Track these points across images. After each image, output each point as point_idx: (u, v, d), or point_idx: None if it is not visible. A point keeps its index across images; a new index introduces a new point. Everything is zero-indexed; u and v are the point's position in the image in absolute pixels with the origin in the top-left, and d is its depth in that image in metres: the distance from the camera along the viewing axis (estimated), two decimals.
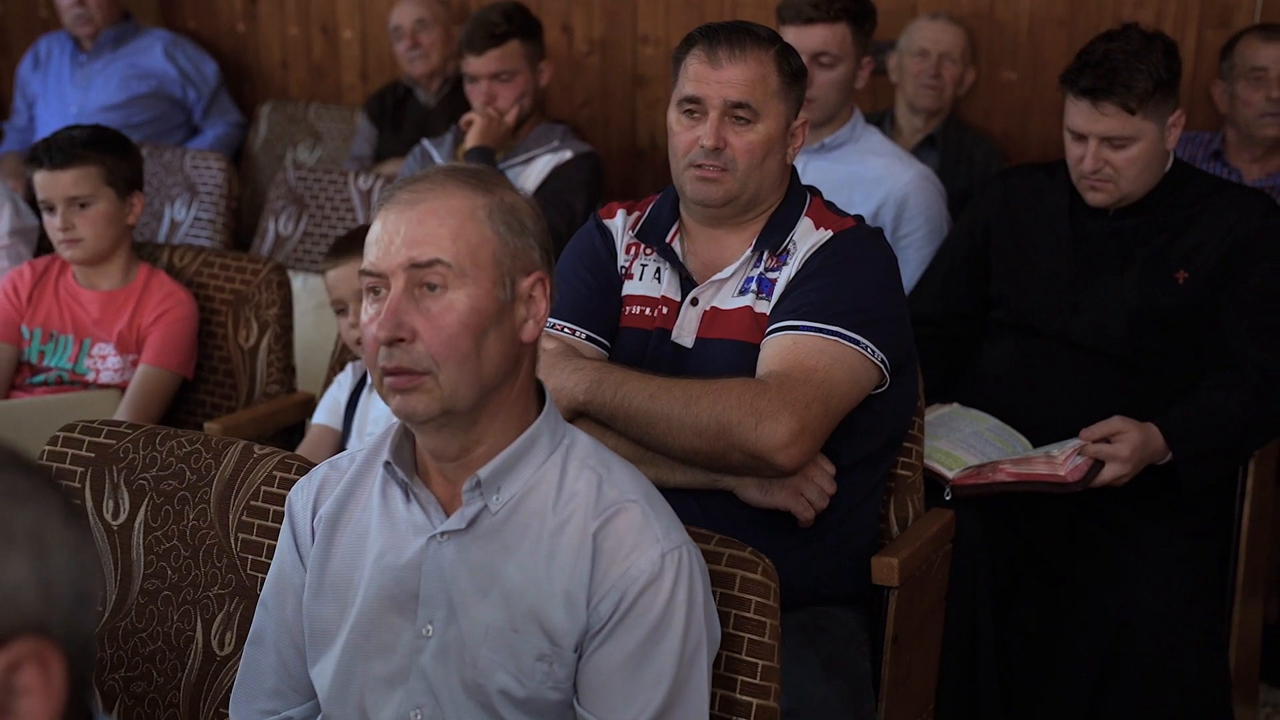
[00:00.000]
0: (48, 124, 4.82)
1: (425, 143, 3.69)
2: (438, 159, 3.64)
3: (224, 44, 5.17)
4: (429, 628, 1.68)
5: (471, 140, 3.47)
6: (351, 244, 2.70)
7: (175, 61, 4.86)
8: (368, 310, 1.67)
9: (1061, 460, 2.58)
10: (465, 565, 1.68)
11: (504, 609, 1.66)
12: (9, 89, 5.35)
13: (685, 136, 2.34)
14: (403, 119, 4.44)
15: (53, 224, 3.01)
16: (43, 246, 3.38)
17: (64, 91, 4.83)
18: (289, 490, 2.03)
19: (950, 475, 2.64)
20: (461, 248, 1.63)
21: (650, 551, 1.64)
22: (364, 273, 1.67)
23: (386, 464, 1.72)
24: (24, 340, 3.08)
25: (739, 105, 2.29)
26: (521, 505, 1.68)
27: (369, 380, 2.78)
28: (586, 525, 1.66)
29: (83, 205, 2.99)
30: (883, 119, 4.03)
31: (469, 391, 1.63)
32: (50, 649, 0.93)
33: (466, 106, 4.07)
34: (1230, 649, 2.87)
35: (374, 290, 1.66)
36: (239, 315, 3.10)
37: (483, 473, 1.66)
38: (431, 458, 1.71)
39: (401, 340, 1.62)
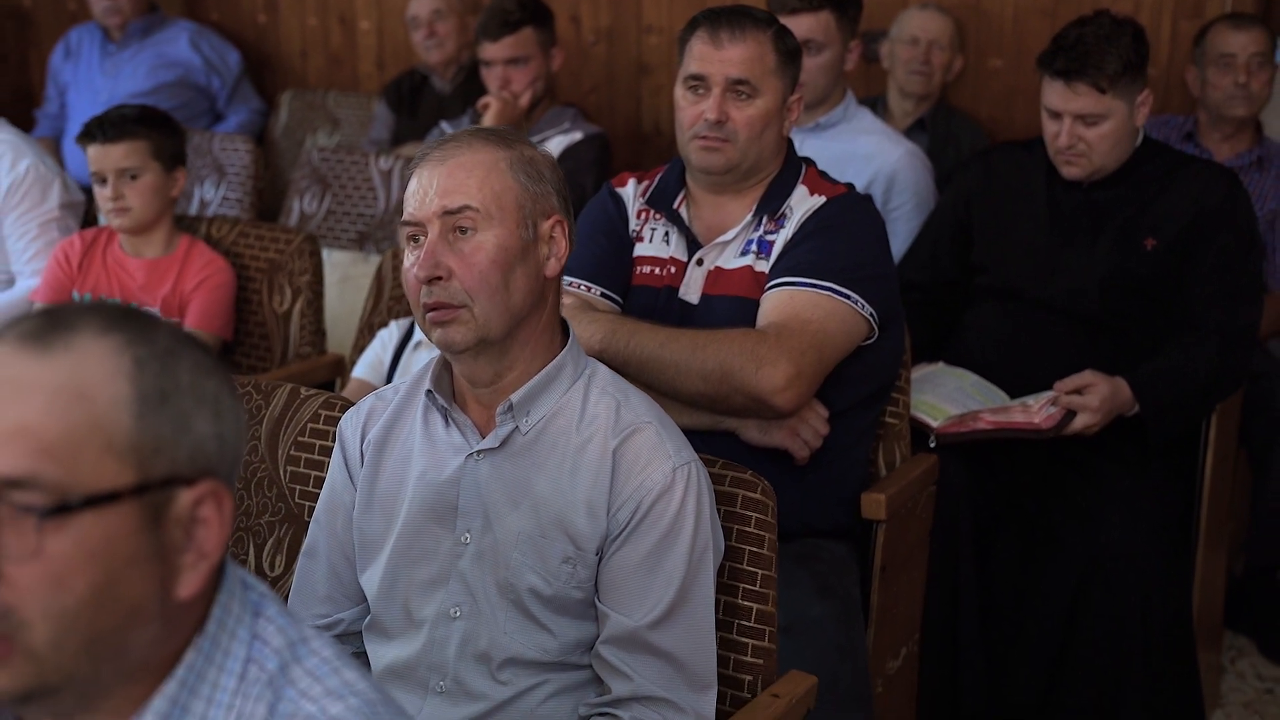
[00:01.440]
0: (79, 111, 5.04)
1: (443, 124, 3.92)
2: None
3: (246, 34, 5.39)
4: (467, 536, 1.90)
5: (488, 122, 3.69)
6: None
7: (200, 51, 5.08)
8: (409, 256, 1.89)
9: (1036, 409, 2.80)
10: (499, 480, 1.90)
11: (533, 518, 1.88)
12: (39, 78, 5.58)
13: (690, 111, 2.56)
14: (419, 105, 4.66)
15: (103, 194, 3.23)
16: (87, 220, 3.59)
17: (94, 80, 5.05)
18: (332, 427, 2.26)
19: (935, 424, 2.86)
20: (488, 195, 1.85)
21: (663, 466, 1.86)
22: (404, 223, 1.89)
23: (428, 392, 1.94)
24: None
25: (740, 82, 2.51)
26: (548, 427, 1.90)
27: (414, 338, 3.01)
28: (606, 443, 1.88)
29: (132, 176, 3.21)
30: (875, 103, 4.24)
31: (500, 321, 1.85)
32: (224, 490, 1.15)
33: (479, 93, 4.29)
34: (1194, 593, 3.09)
35: (413, 238, 1.89)
36: (273, 282, 3.33)
37: (514, 397, 1.88)
38: (468, 385, 1.93)
39: (439, 278, 1.84)
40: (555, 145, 3.76)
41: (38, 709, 1.12)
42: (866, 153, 3.43)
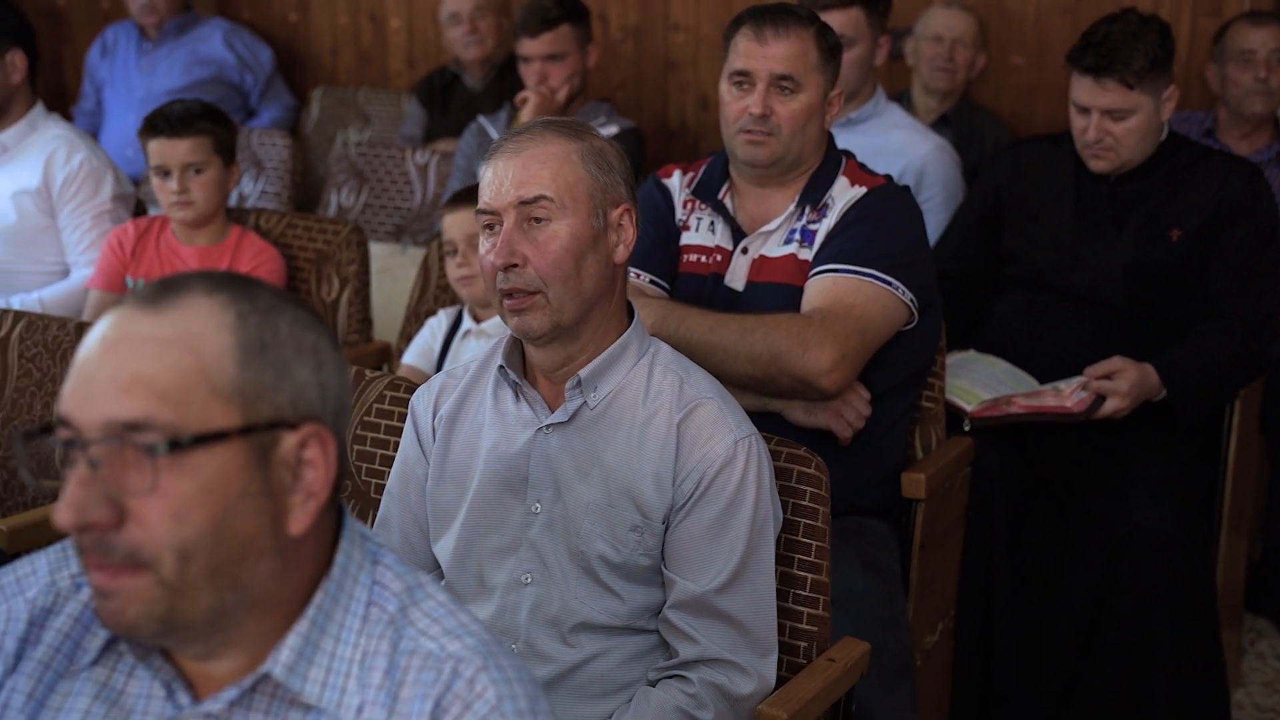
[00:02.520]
0: (115, 108, 5.15)
1: (481, 119, 4.01)
2: (493, 134, 3.96)
3: (277, 32, 5.49)
4: (537, 505, 2.00)
5: (526, 115, 3.79)
6: (465, 195, 3.03)
7: (234, 49, 5.18)
8: (484, 244, 1.99)
9: (1068, 393, 2.90)
10: (568, 452, 1.99)
11: (602, 488, 1.98)
12: (73, 76, 5.68)
13: (735, 105, 2.66)
14: (450, 102, 4.75)
15: (167, 187, 3.32)
16: (136, 211, 3.68)
17: (130, 77, 5.14)
18: (396, 408, 2.35)
19: (969, 408, 2.96)
20: (561, 185, 1.94)
21: (725, 439, 1.96)
22: (479, 211, 1.99)
23: (500, 368, 2.04)
24: (128, 290, 3.40)
25: (783, 77, 2.60)
26: (615, 401, 2.00)
27: (463, 326, 3.11)
28: (671, 417, 1.97)
29: (196, 171, 3.31)
30: (900, 100, 4.33)
31: (573, 307, 1.94)
32: (327, 434, 1.25)
33: (509, 90, 4.39)
34: (1218, 575, 3.18)
35: (489, 226, 1.98)
36: (321, 272, 3.42)
37: (583, 373, 1.98)
38: (539, 367, 2.03)
39: (515, 265, 1.93)
40: None
41: (175, 640, 1.23)
42: (897, 147, 3.52)
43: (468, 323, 3.09)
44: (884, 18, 3.62)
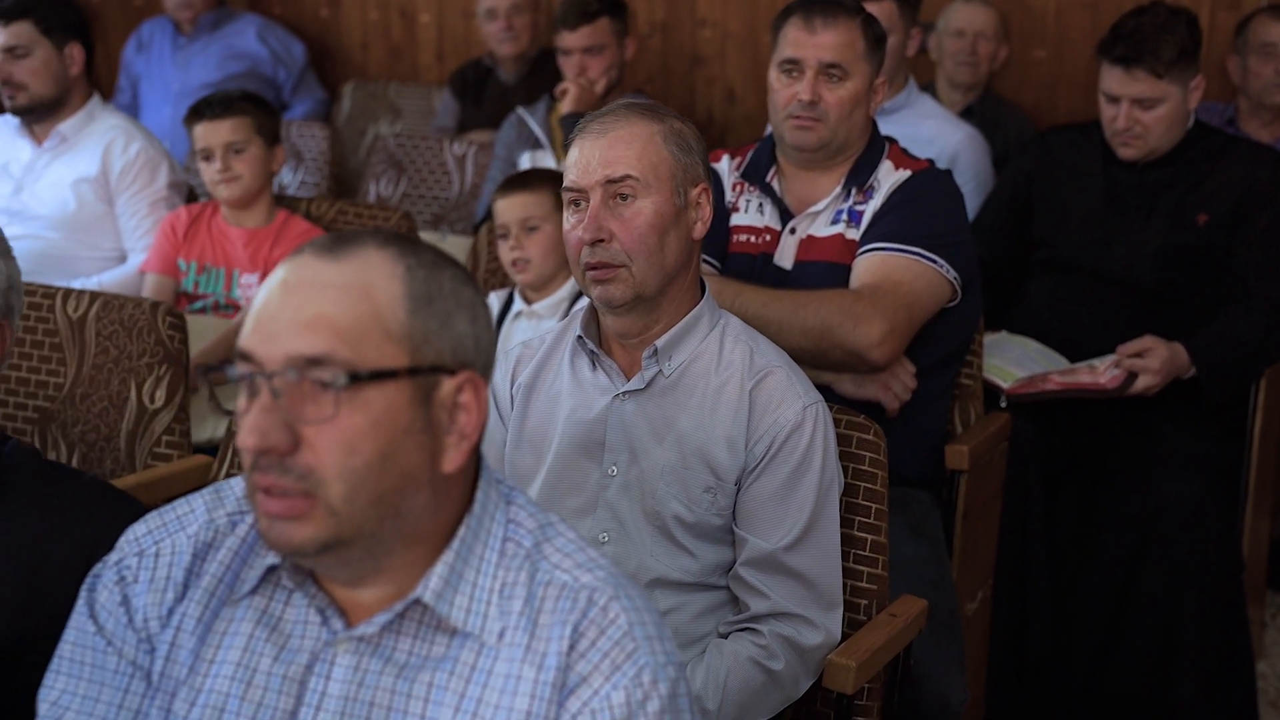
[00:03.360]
0: (151, 101, 5.25)
1: (520, 110, 4.12)
2: (532, 124, 4.07)
3: (308, 27, 5.59)
4: (613, 468, 2.10)
5: (566, 106, 3.90)
6: (516, 181, 3.14)
7: (267, 43, 5.29)
8: (569, 220, 2.10)
9: (1102, 370, 3.01)
10: (644, 418, 2.10)
11: (677, 451, 2.08)
12: (107, 71, 5.77)
13: (784, 92, 2.76)
14: (484, 94, 4.86)
15: (211, 168, 3.43)
16: (189, 200, 3.79)
17: (166, 72, 5.25)
18: None
19: (1005, 385, 3.07)
20: (645, 165, 2.05)
21: (794, 405, 2.07)
22: (567, 189, 2.10)
23: (579, 338, 2.14)
24: (181, 273, 3.51)
25: (832, 65, 2.71)
26: (689, 370, 2.10)
27: (513, 308, 3.21)
28: (743, 384, 2.08)
29: (237, 150, 3.43)
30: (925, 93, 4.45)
31: (655, 280, 2.05)
32: (480, 381, 1.36)
33: (542, 83, 4.50)
34: (1243, 550, 3.30)
35: (575, 203, 2.09)
36: None
37: (659, 342, 2.09)
38: (616, 336, 2.13)
39: (601, 240, 2.04)
40: None
41: (334, 561, 1.34)
42: (929, 136, 3.63)
43: (519, 304, 3.20)
44: (915, 10, 3.72)
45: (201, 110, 3.43)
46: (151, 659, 1.41)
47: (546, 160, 3.94)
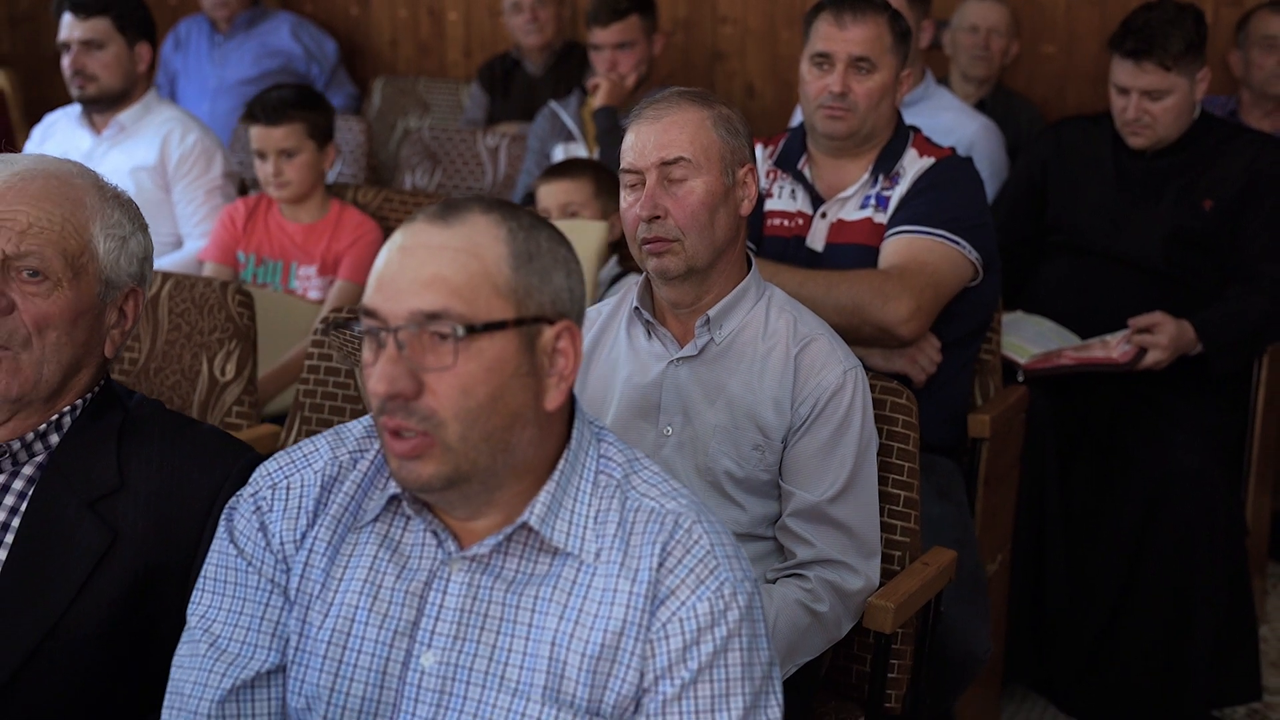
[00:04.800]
0: (189, 97, 5.42)
1: (553, 104, 4.30)
2: (565, 118, 4.25)
3: (338, 25, 5.77)
4: (668, 429, 2.28)
5: (599, 100, 4.08)
6: (559, 169, 3.33)
7: (301, 41, 5.46)
8: (626, 199, 2.28)
9: (1114, 345, 3.19)
10: (696, 382, 2.28)
11: (728, 412, 2.26)
12: None
13: (816, 84, 2.94)
14: (511, 86, 5.04)
15: (265, 169, 3.61)
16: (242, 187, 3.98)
17: (203, 68, 5.43)
18: None
19: (1022, 361, 3.25)
20: (697, 148, 2.23)
21: (836, 369, 2.25)
22: (624, 171, 2.28)
23: (635, 309, 2.32)
24: (239, 264, 3.69)
25: (860, 59, 2.89)
26: (738, 337, 2.28)
27: None
28: (789, 350, 2.26)
29: (289, 155, 3.60)
30: None
31: (706, 253, 2.23)
32: (575, 328, 1.54)
33: (569, 76, 4.67)
34: (1246, 517, 3.48)
35: (631, 186, 2.27)
36: None
37: (711, 312, 2.27)
38: (670, 305, 2.31)
39: (657, 217, 2.22)
40: None
41: (455, 496, 1.52)
42: (947, 126, 3.81)
43: None
44: (926, 2, 3.90)
45: (256, 114, 3.59)
46: (287, 577, 1.59)
47: (578, 151, 4.12)
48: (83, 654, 1.72)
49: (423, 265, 1.48)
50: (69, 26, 3.78)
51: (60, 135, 3.93)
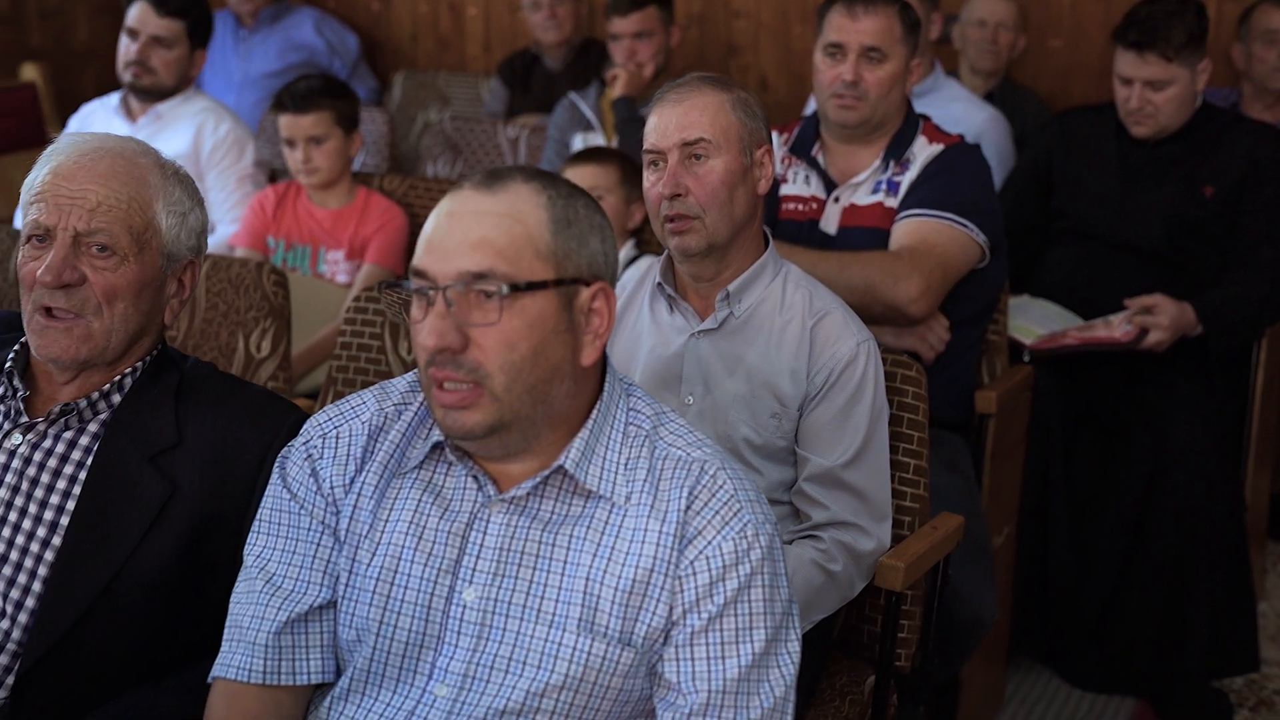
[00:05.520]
0: (214, 90, 5.53)
1: (572, 95, 4.42)
2: (584, 108, 4.37)
3: (360, 20, 5.90)
4: (690, 398, 2.40)
5: (618, 90, 4.20)
6: (587, 154, 3.46)
7: (323, 35, 5.59)
8: (649, 178, 2.39)
9: (1116, 324, 3.30)
10: (716, 354, 2.39)
11: (746, 383, 2.38)
12: None
13: (828, 74, 3.05)
14: (531, 80, 5.17)
15: (294, 157, 3.73)
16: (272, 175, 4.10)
17: (228, 62, 5.55)
18: None
19: (1028, 342, 3.36)
20: (717, 129, 2.35)
21: (849, 341, 2.36)
22: (647, 151, 2.39)
23: (658, 284, 2.44)
24: (269, 249, 3.81)
25: (872, 49, 3.00)
26: (756, 311, 2.40)
27: None
28: (804, 323, 2.38)
29: (318, 142, 3.72)
30: None
31: (726, 229, 2.35)
32: (609, 290, 1.65)
33: (585, 70, 4.78)
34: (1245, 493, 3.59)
35: (654, 164, 2.39)
36: None
37: (730, 287, 2.38)
38: (691, 280, 2.43)
39: (679, 195, 2.34)
40: None
41: (495, 443, 1.63)
42: (955, 117, 3.91)
43: None
44: None
45: (285, 103, 3.72)
46: (337, 519, 1.71)
47: (597, 140, 4.23)
48: (145, 597, 1.84)
49: (470, 229, 1.59)
50: (143, 17, 3.92)
51: (97, 124, 4.05)
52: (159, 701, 1.83)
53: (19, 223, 4.01)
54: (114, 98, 4.09)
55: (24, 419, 1.90)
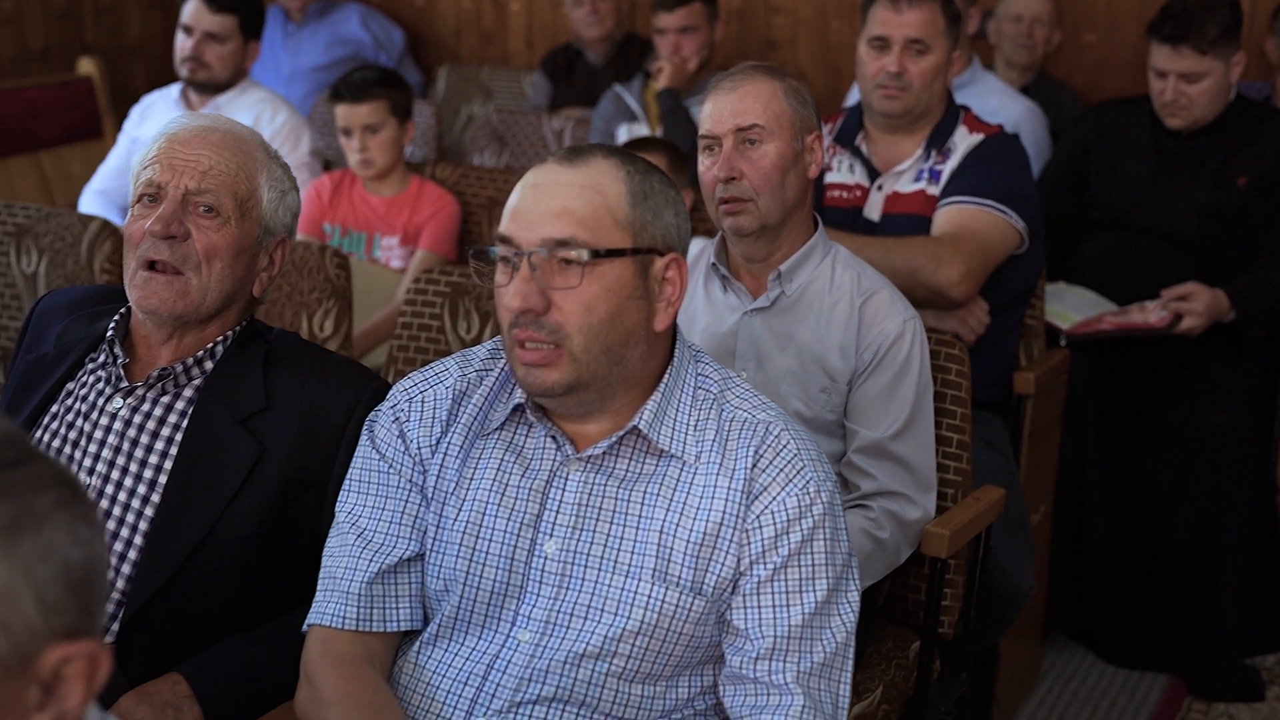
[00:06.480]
0: (263, 83, 5.66)
1: (617, 87, 4.53)
2: (629, 100, 4.48)
3: (404, 15, 6.02)
4: (743, 374, 2.50)
5: (662, 82, 4.30)
6: (637, 144, 3.57)
7: (369, 30, 5.71)
8: (704, 162, 2.50)
9: (1151, 310, 3.40)
10: (769, 331, 2.50)
11: (797, 358, 2.48)
12: None
13: (873, 65, 3.15)
14: (573, 75, 5.28)
15: (350, 145, 3.85)
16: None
17: (277, 56, 5.68)
18: None
19: (1064, 327, 3.46)
20: (770, 115, 2.46)
21: (896, 319, 2.47)
22: (702, 136, 2.50)
23: (712, 265, 2.55)
24: (326, 235, 3.93)
25: (915, 41, 3.10)
26: (806, 291, 2.50)
27: None
28: (853, 301, 2.48)
29: (373, 131, 3.84)
30: None
31: (779, 211, 2.45)
32: (682, 260, 1.76)
33: (628, 65, 4.89)
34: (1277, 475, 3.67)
35: (709, 148, 2.49)
36: (493, 215, 3.94)
37: (783, 267, 2.49)
38: (743, 261, 2.53)
39: (733, 179, 2.45)
40: None
41: (573, 401, 1.75)
42: (993, 109, 4.01)
43: None
44: None
45: (341, 93, 3.84)
46: (424, 478, 1.82)
47: (641, 131, 4.34)
48: (237, 551, 1.96)
49: (553, 199, 1.70)
50: (197, 14, 4.05)
51: (157, 115, 4.18)
52: (251, 649, 1.94)
53: (83, 208, 4.16)
54: (174, 89, 4.22)
55: (124, 384, 2.02)
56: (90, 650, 1.05)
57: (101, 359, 2.05)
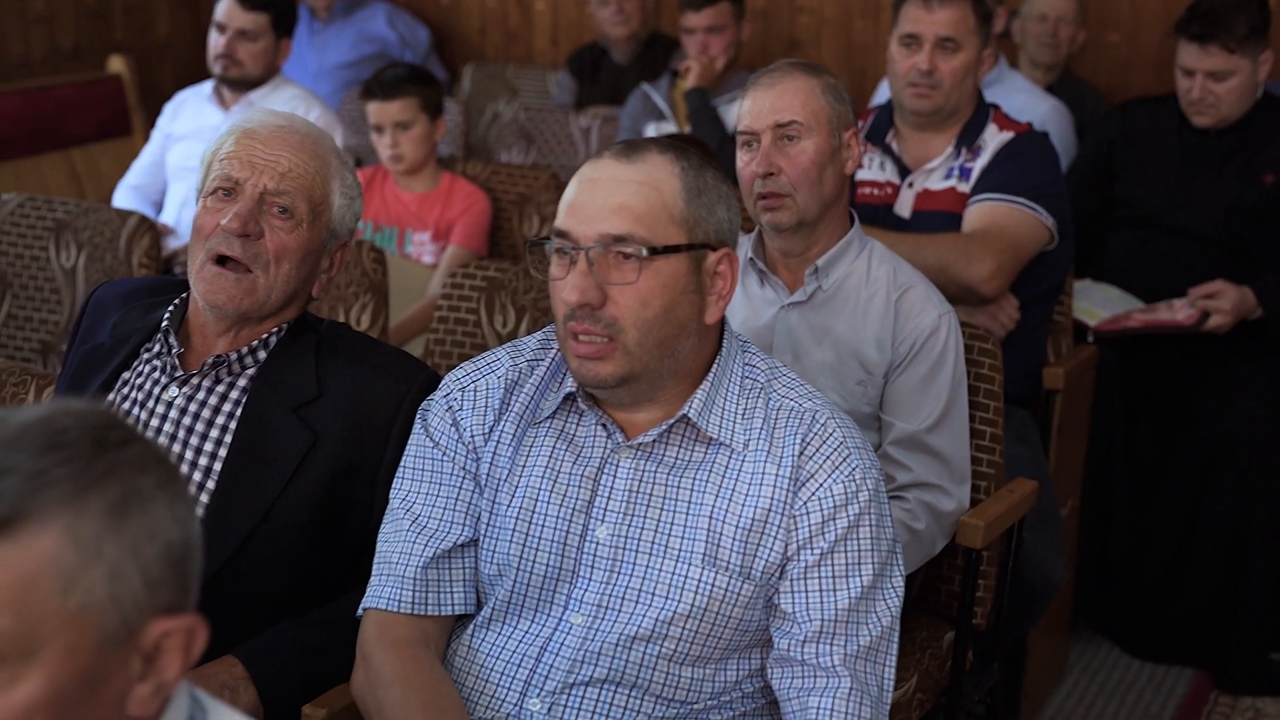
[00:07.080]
0: None
1: (645, 86, 4.57)
2: (656, 98, 4.52)
3: (430, 13, 6.06)
4: None
5: (690, 81, 4.34)
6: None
7: (395, 28, 5.76)
8: (742, 158, 2.54)
9: (1179, 308, 3.43)
10: (805, 325, 2.54)
11: (834, 351, 2.52)
12: None
13: (904, 63, 3.18)
14: (599, 73, 5.32)
15: (382, 142, 3.90)
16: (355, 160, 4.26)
17: (303, 53, 5.71)
18: None
19: (1092, 323, 3.49)
20: (809, 112, 2.49)
21: (932, 313, 2.50)
22: (741, 133, 2.54)
23: (750, 259, 2.58)
24: (359, 231, 3.97)
25: (946, 39, 3.13)
26: (843, 286, 2.54)
27: None
28: (889, 296, 2.51)
29: (404, 128, 3.88)
30: None
31: (815, 207, 2.49)
32: (734, 256, 1.79)
33: (652, 63, 4.93)
34: None
35: (747, 144, 2.53)
36: (523, 211, 3.98)
37: (819, 262, 2.52)
38: (780, 255, 2.57)
39: (772, 174, 2.48)
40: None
41: (625, 392, 1.78)
42: (1019, 107, 4.02)
43: None
44: None
45: (373, 90, 3.89)
46: (477, 465, 1.86)
47: (669, 129, 4.38)
48: (291, 536, 2.00)
49: (610, 195, 1.74)
50: (229, 12, 4.10)
51: (190, 111, 4.23)
52: (305, 633, 1.98)
53: (117, 203, 4.21)
54: (206, 86, 4.27)
55: (179, 373, 2.06)
56: (188, 624, 1.09)
57: (157, 349, 2.09)
